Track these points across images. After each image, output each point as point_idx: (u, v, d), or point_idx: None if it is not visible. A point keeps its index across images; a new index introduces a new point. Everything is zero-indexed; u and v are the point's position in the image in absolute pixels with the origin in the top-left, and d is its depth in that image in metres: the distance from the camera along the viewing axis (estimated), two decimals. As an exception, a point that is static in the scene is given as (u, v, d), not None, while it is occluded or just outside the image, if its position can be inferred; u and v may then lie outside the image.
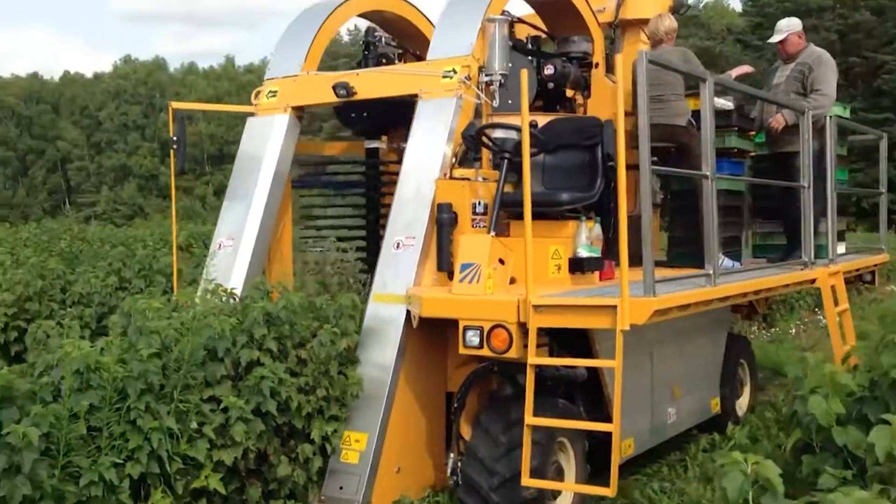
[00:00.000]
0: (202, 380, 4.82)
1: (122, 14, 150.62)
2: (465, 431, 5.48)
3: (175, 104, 6.49)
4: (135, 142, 68.15)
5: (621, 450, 5.75)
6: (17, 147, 68.84)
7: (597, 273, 5.88)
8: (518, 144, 5.55)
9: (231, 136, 58.62)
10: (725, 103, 7.06)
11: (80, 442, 4.25)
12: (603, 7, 7.58)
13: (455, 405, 5.55)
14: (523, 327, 4.90)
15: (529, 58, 6.83)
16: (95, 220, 44.37)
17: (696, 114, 6.73)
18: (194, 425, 4.64)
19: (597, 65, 7.24)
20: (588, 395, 5.64)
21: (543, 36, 7.28)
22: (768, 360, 9.43)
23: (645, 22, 7.26)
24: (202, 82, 71.68)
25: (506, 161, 5.51)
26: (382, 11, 7.40)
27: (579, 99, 7.09)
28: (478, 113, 6.12)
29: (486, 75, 6.09)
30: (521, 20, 7.19)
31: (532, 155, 5.77)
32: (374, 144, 7.14)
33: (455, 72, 6.03)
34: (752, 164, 7.97)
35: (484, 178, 5.76)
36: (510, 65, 6.11)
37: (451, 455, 5.51)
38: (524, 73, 4.93)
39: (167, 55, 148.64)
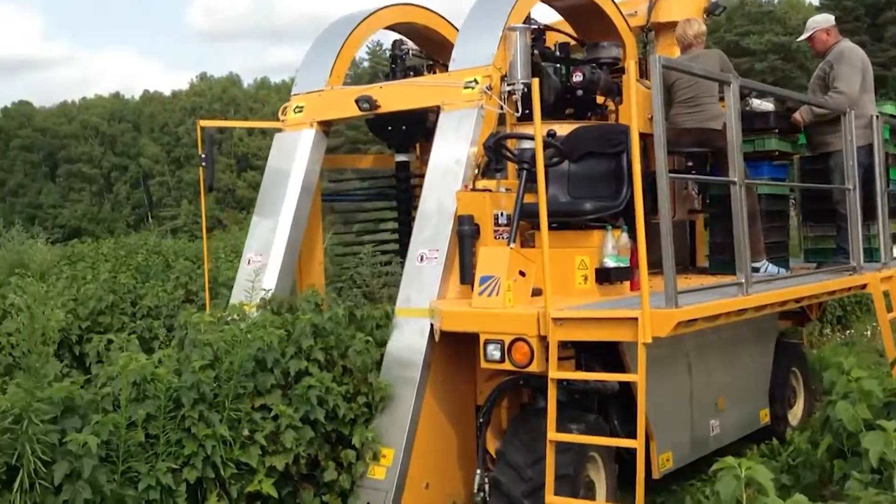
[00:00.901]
0: (253, 389, 5.04)
1: (198, 33, 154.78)
2: (492, 446, 5.39)
3: (203, 122, 6.58)
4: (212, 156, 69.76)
5: (659, 464, 5.60)
6: (101, 164, 71.18)
7: (627, 283, 5.72)
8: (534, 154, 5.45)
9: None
10: (765, 105, 6.82)
11: (138, 449, 4.52)
12: (635, 11, 7.42)
13: (480, 419, 5.46)
14: (545, 340, 4.80)
15: (557, 65, 6.71)
16: (175, 233, 45.56)
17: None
18: (246, 432, 4.88)
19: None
20: (623, 408, 5.49)
21: (572, 43, 7.14)
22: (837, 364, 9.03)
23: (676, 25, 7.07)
24: (274, 96, 72.92)
25: (525, 171, 5.40)
26: (410, 23, 7.36)
27: (611, 105, 6.92)
28: (501, 123, 6.03)
29: (509, 84, 5.98)
30: (549, 27, 7.07)
31: (552, 164, 5.68)
32: (403, 157, 7.10)
33: (476, 82, 5.94)
34: (800, 166, 7.69)
35: (507, 189, 5.66)
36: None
37: (478, 471, 5.42)
38: (535, 83, 4.83)
39: (241, 71, 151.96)
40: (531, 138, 5.52)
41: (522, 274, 5.16)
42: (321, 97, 6.74)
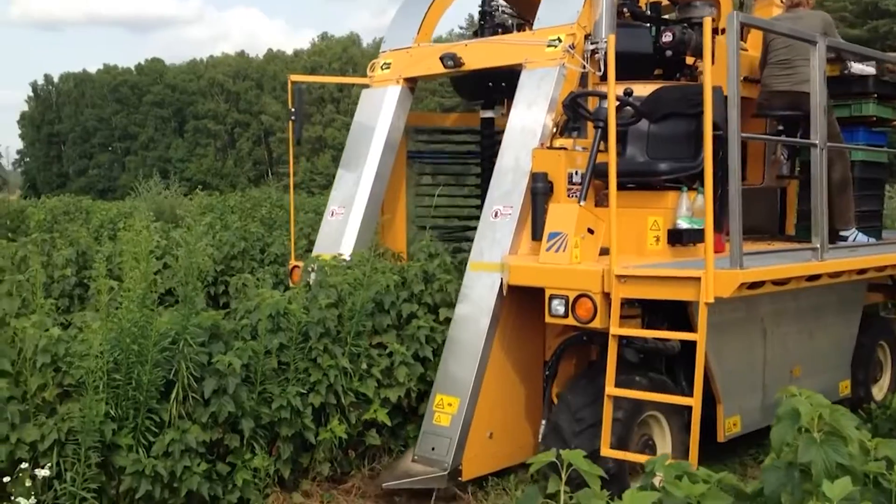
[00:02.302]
0: (371, 328, 5.71)
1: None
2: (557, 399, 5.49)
3: (294, 77, 6.80)
4: (329, 114, 71.05)
5: (726, 428, 5.57)
6: (225, 121, 73.55)
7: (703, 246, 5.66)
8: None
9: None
10: (865, 69, 6.56)
11: (272, 373, 5.20)
12: (732, -32, 7.20)
13: (547, 373, 5.56)
14: (608, 297, 4.85)
15: (648, 25, 6.63)
16: (294, 189, 46.83)
17: (830, 80, 6.35)
18: (364, 366, 5.54)
19: (723, 31, 6.89)
20: (691, 370, 5.47)
21: (665, 2, 7.02)
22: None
23: (776, -18, 6.86)
24: (393, 56, 73.58)
25: (599, 130, 5.40)
26: (498, -19, 7.37)
27: (702, 67, 6.78)
28: (584, 82, 6.03)
29: (592, 43, 5.97)
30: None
31: (628, 124, 5.66)
32: (489, 114, 7.16)
33: (560, 41, 5.95)
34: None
35: (583, 149, 5.68)
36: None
37: (543, 421, 5.52)
38: (611, 40, 4.82)
39: (361, 31, 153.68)
40: (603, 96, 5.52)
41: (591, 231, 5.20)
42: (408, 54, 6.86)
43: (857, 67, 6.61)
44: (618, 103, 5.24)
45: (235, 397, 4.78)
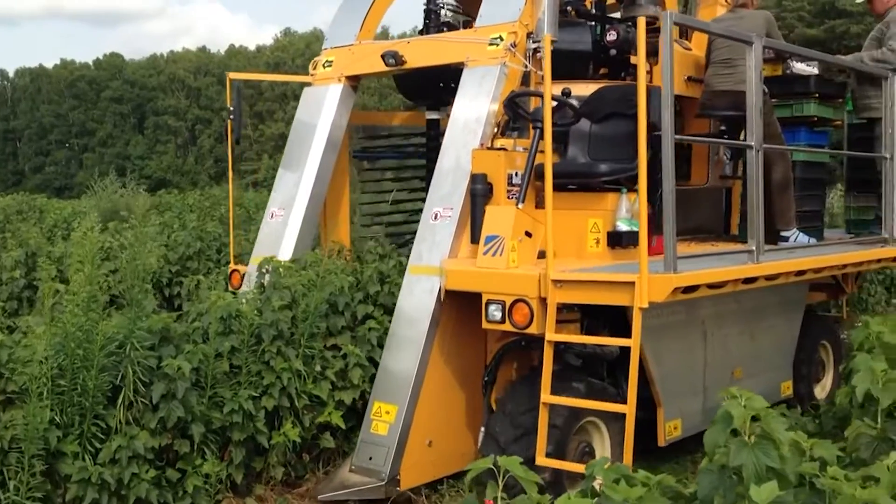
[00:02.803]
0: (325, 330, 5.63)
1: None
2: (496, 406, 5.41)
3: (232, 74, 6.66)
4: (292, 111, 70.54)
5: (666, 431, 5.54)
6: (186, 117, 72.74)
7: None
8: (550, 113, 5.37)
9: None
10: (806, 68, 6.57)
11: (223, 377, 5.12)
12: (677, -34, 7.18)
13: (486, 378, 5.48)
14: (545, 302, 4.78)
15: (592, 23, 6.57)
16: (256, 186, 46.45)
17: (769, 80, 6.36)
18: (319, 369, 5.47)
19: (690, 30, 6.87)
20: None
21: (610, 1, 6.97)
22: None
23: (722, -19, 6.85)
24: (356, 52, 73.24)
25: (538, 130, 5.33)
26: (444, -22, 7.27)
27: (647, 66, 6.73)
28: (526, 81, 5.95)
29: (534, 42, 5.89)
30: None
31: (566, 124, 5.60)
32: (434, 115, 7.07)
33: (501, 39, 5.86)
34: (849, 133, 7.39)
35: (524, 149, 5.60)
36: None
37: (482, 428, 5.45)
38: (547, 39, 4.76)
39: (325, 27, 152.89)
40: (539, 95, 5.45)
41: (529, 235, 5.13)
42: (350, 52, 6.74)
43: (799, 67, 6.62)
44: (557, 103, 5.18)
45: (185, 402, 4.71)
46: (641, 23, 4.43)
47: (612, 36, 6.45)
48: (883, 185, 6.17)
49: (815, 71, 6.64)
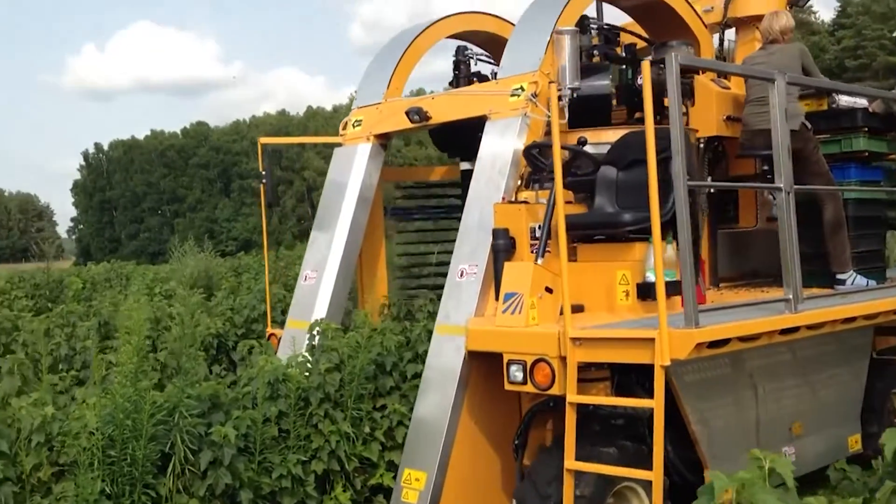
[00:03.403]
0: (374, 390, 5.66)
1: (359, 49, 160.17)
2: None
3: (263, 140, 6.69)
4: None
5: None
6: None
7: (677, 299, 5.32)
8: (569, 163, 5.20)
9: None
10: (854, 101, 6.21)
11: (272, 442, 5.13)
12: (711, 7, 6.96)
13: (515, 442, 5.22)
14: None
15: (623, 67, 6.38)
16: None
17: (813, 116, 6.06)
18: (367, 430, 5.48)
19: (700, 71, 6.61)
20: (677, 432, 5.10)
21: (640, 44, 6.77)
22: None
23: (759, 18, 6.57)
24: (432, 108, 74.13)
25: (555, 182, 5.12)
26: (475, 31, 7.20)
27: (683, 107, 6.48)
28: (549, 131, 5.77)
29: (557, 90, 5.71)
30: (620, 29, 6.74)
31: (589, 174, 5.40)
32: (467, 166, 6.95)
33: (522, 89, 5.72)
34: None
35: (546, 201, 5.40)
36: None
37: (514, 499, 5.18)
38: (553, 88, 4.59)
39: (420, 81, 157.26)
40: (569, 148, 5.30)
41: (549, 290, 4.90)
42: (378, 110, 6.70)
43: (846, 100, 6.27)
44: (570, 153, 4.99)
45: (232, 468, 4.71)
46: (646, 66, 4.23)
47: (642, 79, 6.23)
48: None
49: (864, 103, 6.27)
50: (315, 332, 5.97)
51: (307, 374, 5.34)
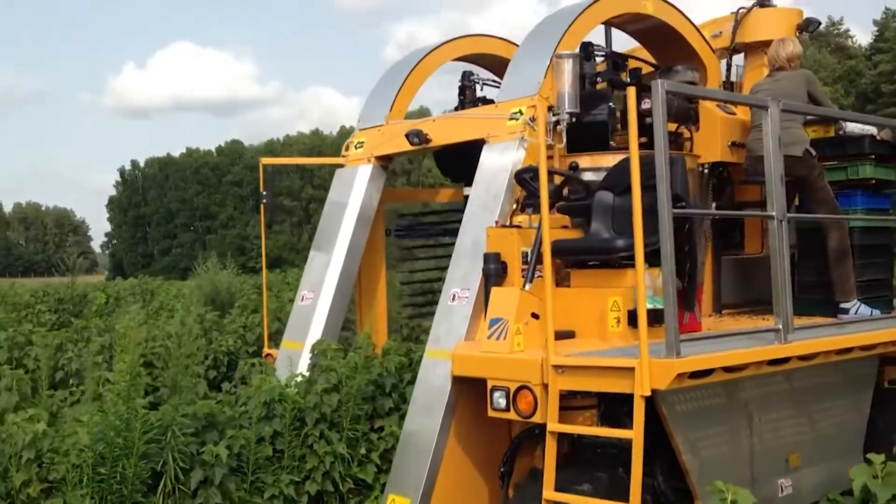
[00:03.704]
0: (371, 411, 5.62)
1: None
2: (515, 499, 5.07)
3: (265, 160, 6.72)
4: (402, 186, 71.97)
5: (706, 528, 5.06)
6: (300, 197, 75.17)
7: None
8: (559, 188, 5.16)
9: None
10: (862, 128, 6.11)
11: (266, 462, 5.11)
12: (719, 31, 6.89)
13: (501, 470, 5.15)
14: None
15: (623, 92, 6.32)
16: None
17: (820, 143, 5.97)
18: (363, 451, 5.46)
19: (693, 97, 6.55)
20: (667, 462, 5.00)
21: (645, 69, 6.72)
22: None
23: (768, 44, 6.50)
24: (465, 127, 74.43)
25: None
26: (482, 54, 7.20)
27: (687, 133, 6.42)
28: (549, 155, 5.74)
29: (554, 115, 5.69)
30: (626, 55, 6.70)
31: (576, 200, 5.35)
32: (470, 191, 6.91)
33: (521, 113, 5.70)
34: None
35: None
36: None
37: None
38: (539, 110, 4.56)
39: (431, 104, 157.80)
40: (558, 173, 5.26)
41: (535, 316, 4.84)
42: (380, 132, 6.71)
43: (853, 127, 6.16)
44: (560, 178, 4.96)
45: (223, 488, 4.70)
46: (631, 93, 4.19)
47: (646, 104, 6.17)
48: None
49: (872, 130, 6.16)
50: (315, 352, 5.95)
51: (300, 393, 5.33)
